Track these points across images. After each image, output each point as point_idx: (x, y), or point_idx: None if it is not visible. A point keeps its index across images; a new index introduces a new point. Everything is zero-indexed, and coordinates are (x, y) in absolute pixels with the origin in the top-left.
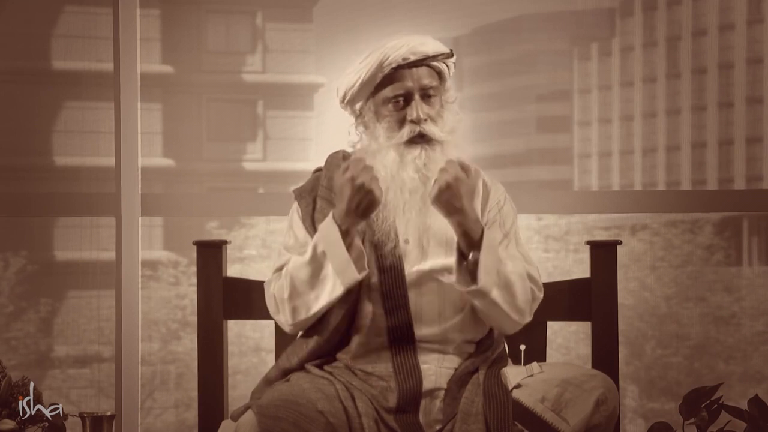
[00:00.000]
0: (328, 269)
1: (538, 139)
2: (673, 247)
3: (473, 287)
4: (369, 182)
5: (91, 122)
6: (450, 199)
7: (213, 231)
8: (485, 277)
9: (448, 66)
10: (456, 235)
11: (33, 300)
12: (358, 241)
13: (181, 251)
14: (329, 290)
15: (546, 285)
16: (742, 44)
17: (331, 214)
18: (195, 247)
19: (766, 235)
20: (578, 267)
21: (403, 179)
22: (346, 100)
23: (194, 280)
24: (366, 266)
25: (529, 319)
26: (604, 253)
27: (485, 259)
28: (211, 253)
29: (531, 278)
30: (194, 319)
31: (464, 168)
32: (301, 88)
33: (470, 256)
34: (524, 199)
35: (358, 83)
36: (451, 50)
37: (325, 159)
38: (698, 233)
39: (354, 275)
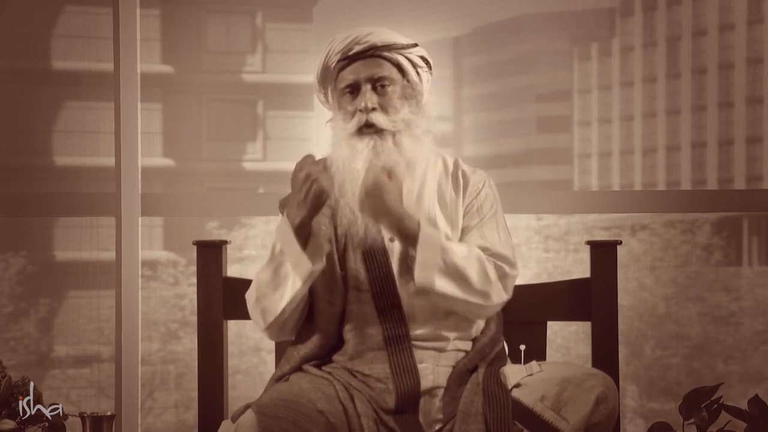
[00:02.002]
0: (288, 266)
1: (538, 139)
2: (672, 247)
3: (411, 287)
4: (315, 172)
5: (91, 122)
6: (373, 204)
7: (213, 231)
8: (422, 273)
9: (410, 59)
10: (396, 238)
11: (33, 300)
12: (315, 237)
13: (181, 251)
14: (290, 286)
15: (546, 285)
16: (742, 44)
17: (285, 213)
18: (195, 247)
19: (765, 235)
20: (578, 267)
21: (356, 170)
22: (318, 96)
23: (194, 280)
24: (323, 259)
25: (504, 297)
26: (604, 253)
27: (421, 254)
28: (211, 253)
29: (496, 255)
30: (194, 319)
31: (387, 170)
32: (301, 88)
33: (410, 253)
34: (524, 199)
35: (316, 78)
36: (413, 43)
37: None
38: (697, 233)
39: (308, 267)
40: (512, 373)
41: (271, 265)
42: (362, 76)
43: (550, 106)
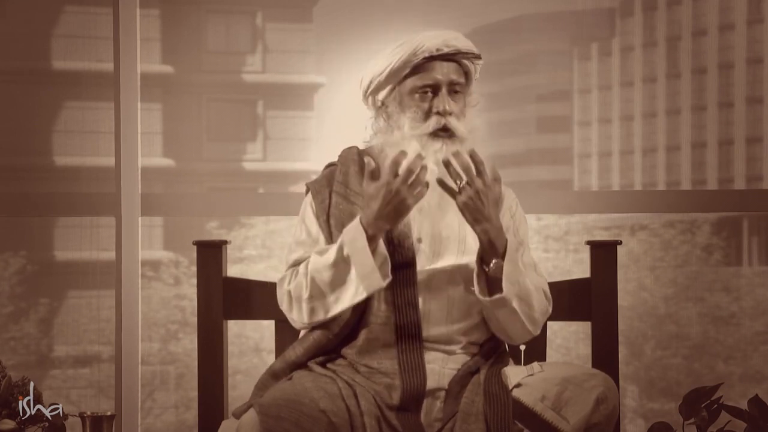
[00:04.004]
0: (352, 273)
1: (538, 139)
2: (672, 247)
3: (497, 296)
4: (408, 195)
5: (91, 122)
6: (479, 207)
7: (213, 231)
8: (509, 286)
9: (475, 68)
10: (480, 244)
11: (33, 300)
12: (382, 247)
13: (181, 251)
14: (351, 295)
15: None
16: (742, 44)
17: (358, 218)
18: (195, 247)
19: (765, 235)
20: (578, 267)
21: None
22: (370, 89)
23: (194, 280)
24: (389, 273)
25: (538, 332)
26: (604, 253)
27: (509, 268)
28: (211, 253)
29: (543, 292)
30: (194, 319)
31: (493, 175)
32: (301, 88)
33: (492, 264)
34: (524, 199)
35: (387, 70)
36: (480, 54)
37: (324, 159)
38: (697, 233)
39: (378, 282)
40: (513, 373)
41: (334, 267)
42: (444, 79)
43: (550, 106)
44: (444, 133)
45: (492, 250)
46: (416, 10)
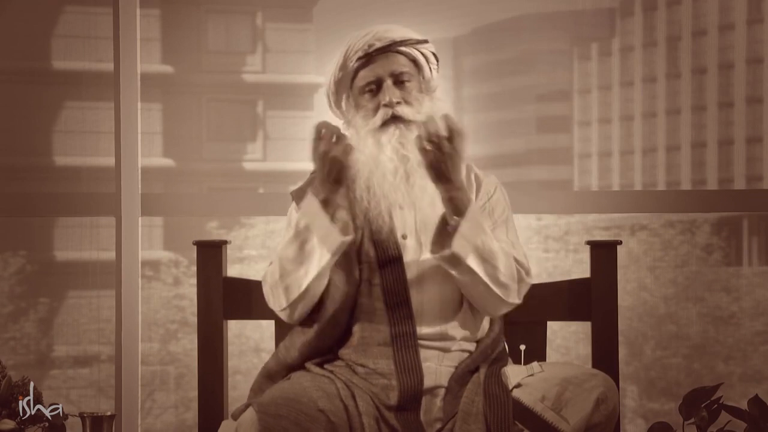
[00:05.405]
0: (314, 241)
1: (538, 139)
2: (672, 247)
3: (446, 251)
4: (330, 148)
5: (91, 122)
6: (444, 169)
7: (213, 231)
8: (460, 242)
9: (425, 54)
10: (443, 201)
11: (33, 300)
12: (341, 212)
13: (181, 251)
14: (317, 260)
15: (546, 285)
16: (742, 44)
17: (308, 190)
18: (195, 247)
19: (765, 235)
20: (578, 267)
21: (383, 162)
22: (331, 102)
23: (194, 280)
24: (351, 231)
25: (516, 300)
26: (604, 253)
27: (465, 225)
28: (211, 253)
29: (517, 261)
30: (194, 319)
31: (454, 130)
32: (301, 88)
33: (452, 222)
34: (524, 199)
35: (332, 81)
36: (424, 39)
37: None
38: (696, 233)
39: (338, 238)
40: (513, 373)
41: (295, 241)
42: (385, 72)
43: (550, 106)
44: (394, 121)
45: (452, 207)
46: (415, 10)
